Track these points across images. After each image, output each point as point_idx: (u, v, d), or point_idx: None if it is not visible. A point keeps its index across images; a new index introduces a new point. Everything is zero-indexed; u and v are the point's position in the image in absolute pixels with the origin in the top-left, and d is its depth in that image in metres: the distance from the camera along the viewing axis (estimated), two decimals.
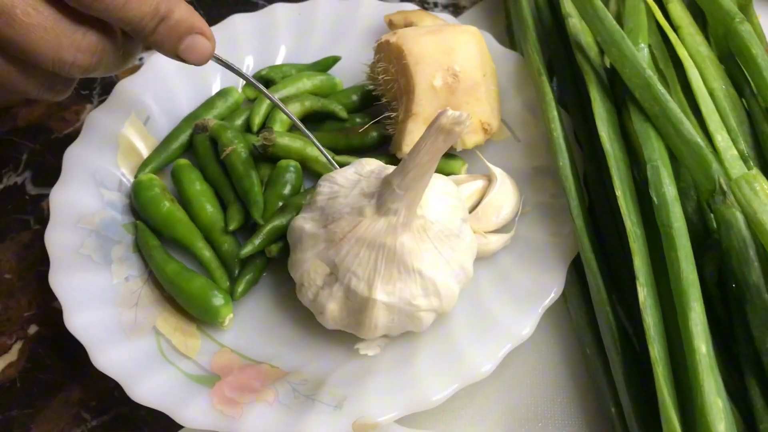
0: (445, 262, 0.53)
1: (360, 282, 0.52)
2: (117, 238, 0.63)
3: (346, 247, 0.52)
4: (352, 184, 0.54)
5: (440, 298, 0.53)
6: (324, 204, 0.54)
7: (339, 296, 0.53)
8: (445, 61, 0.62)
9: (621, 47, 0.59)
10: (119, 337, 0.57)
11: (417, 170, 0.49)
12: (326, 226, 0.53)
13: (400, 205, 0.51)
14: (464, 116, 0.47)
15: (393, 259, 0.51)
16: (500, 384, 0.58)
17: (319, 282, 0.53)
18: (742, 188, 0.51)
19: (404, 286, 0.52)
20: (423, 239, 0.52)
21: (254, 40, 0.75)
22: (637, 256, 0.52)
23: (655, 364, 0.47)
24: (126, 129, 0.68)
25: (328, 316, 0.54)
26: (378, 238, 0.51)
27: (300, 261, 0.54)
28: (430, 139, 0.48)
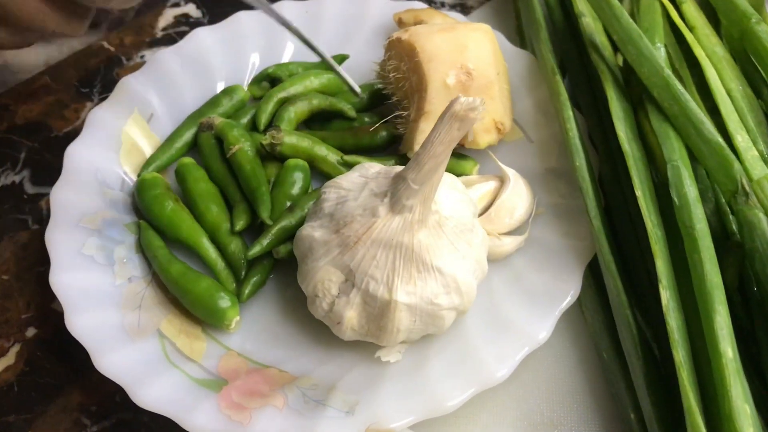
0: (462, 258, 0.52)
1: (379, 285, 0.50)
2: (120, 238, 0.61)
3: (361, 250, 0.50)
4: (359, 187, 0.53)
5: (461, 295, 0.52)
6: (332, 209, 0.52)
7: (357, 303, 0.51)
8: (458, 58, 0.61)
9: (639, 46, 0.58)
10: (122, 339, 0.55)
11: (432, 162, 0.47)
12: (338, 231, 0.51)
13: (416, 200, 0.49)
14: (478, 101, 0.45)
15: (411, 257, 0.50)
16: (515, 389, 0.56)
17: (334, 291, 0.51)
18: (765, 189, 0.50)
19: (425, 285, 0.50)
20: (439, 235, 0.51)
21: (260, 38, 0.73)
22: (659, 259, 0.50)
23: (680, 368, 0.46)
24: (129, 127, 0.67)
25: (346, 326, 0.52)
26: (395, 237, 0.50)
27: (312, 271, 0.52)
28: (444, 128, 0.46)
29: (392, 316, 0.50)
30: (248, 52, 0.73)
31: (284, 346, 0.57)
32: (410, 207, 0.49)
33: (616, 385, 0.54)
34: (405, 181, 0.49)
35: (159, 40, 0.83)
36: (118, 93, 0.68)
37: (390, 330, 0.51)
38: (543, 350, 0.57)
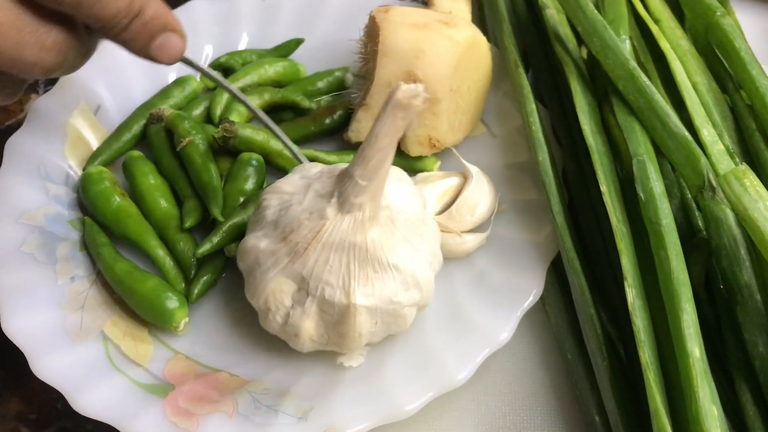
0: (417, 251, 0.50)
1: (335, 290, 0.47)
2: (62, 235, 0.58)
3: (313, 256, 0.47)
4: (302, 189, 0.50)
5: (420, 289, 0.50)
6: (276, 217, 0.49)
7: (313, 312, 0.48)
8: (412, 63, 0.58)
9: (603, 37, 0.57)
10: (63, 342, 0.52)
11: (379, 156, 0.45)
12: (285, 239, 0.48)
13: (365, 197, 0.47)
14: (420, 88, 0.43)
15: (366, 257, 0.47)
16: (476, 392, 0.54)
17: (288, 302, 0.48)
18: (732, 184, 0.48)
19: (383, 284, 0.48)
20: (392, 231, 0.49)
21: (214, 27, 0.70)
22: (625, 256, 0.49)
23: (646, 369, 0.44)
24: (74, 118, 0.63)
25: (304, 338, 0.49)
26: (346, 238, 0.47)
27: (261, 284, 0.49)
28: (388, 118, 0.44)
29: (353, 321, 0.48)
30: (201, 41, 0.70)
31: (235, 349, 0.54)
32: (359, 205, 0.47)
33: (581, 387, 0.52)
34: (352, 178, 0.46)
35: None
36: (63, 83, 0.65)
37: (351, 336, 0.48)
38: (505, 351, 0.55)
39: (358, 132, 0.61)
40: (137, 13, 0.46)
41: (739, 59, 0.58)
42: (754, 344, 0.46)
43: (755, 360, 0.46)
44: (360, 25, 0.66)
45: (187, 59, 0.53)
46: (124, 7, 0.45)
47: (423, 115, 0.59)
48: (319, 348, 0.50)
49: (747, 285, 0.47)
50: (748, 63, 0.57)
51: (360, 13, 0.69)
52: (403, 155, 0.62)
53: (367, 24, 0.62)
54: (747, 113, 0.57)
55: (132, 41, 0.48)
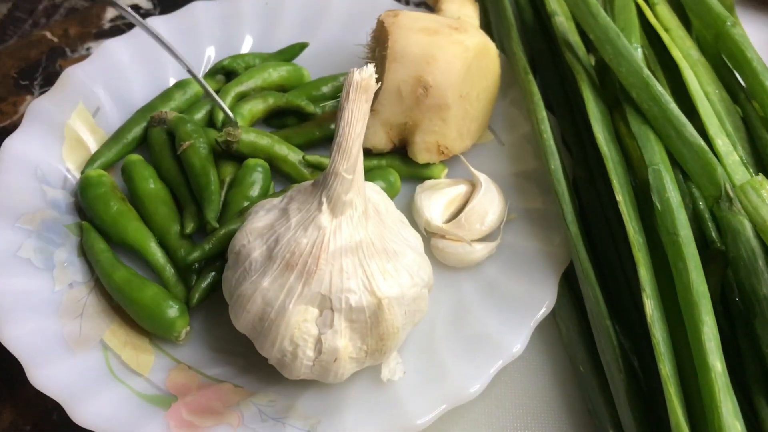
0: (404, 239, 0.49)
1: (360, 294, 0.46)
2: (60, 240, 0.57)
3: (326, 269, 0.45)
4: (280, 216, 0.48)
5: (425, 269, 0.49)
6: (267, 253, 0.47)
7: (344, 328, 0.46)
8: (422, 69, 0.57)
9: (617, 45, 0.56)
10: (61, 351, 0.50)
11: (357, 144, 0.44)
12: (289, 265, 0.46)
13: (353, 192, 0.45)
14: (371, 67, 0.44)
15: (374, 251, 0.46)
16: (487, 404, 0.53)
17: (314, 330, 0.46)
18: (749, 195, 0.48)
19: (397, 272, 0.47)
20: (381, 220, 0.48)
21: (216, 29, 0.69)
22: (642, 266, 0.48)
23: (666, 383, 0.43)
24: (73, 120, 0.62)
25: (344, 359, 0.46)
26: (351, 239, 0.46)
27: (280, 324, 0.45)
28: (354, 104, 0.44)
29: (388, 317, 0.46)
30: (203, 43, 0.69)
31: (239, 358, 0.53)
32: (350, 202, 0.46)
33: (594, 400, 0.51)
34: (338, 175, 0.45)
35: (106, 31, 0.78)
36: (62, 84, 0.63)
37: (391, 333, 0.47)
38: (515, 362, 0.54)
39: (365, 138, 0.59)
40: None
41: (751, 69, 0.57)
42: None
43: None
44: (365, 30, 0.65)
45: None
46: None
47: (432, 122, 0.58)
48: (358, 367, 0.48)
49: (765, 297, 0.46)
50: (761, 73, 0.56)
51: (365, 17, 0.68)
52: (410, 162, 0.61)
53: (375, 28, 0.61)
54: (759, 124, 0.56)
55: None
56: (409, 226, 0.52)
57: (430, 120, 0.58)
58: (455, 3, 0.65)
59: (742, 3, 0.78)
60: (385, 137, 0.59)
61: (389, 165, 0.61)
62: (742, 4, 0.78)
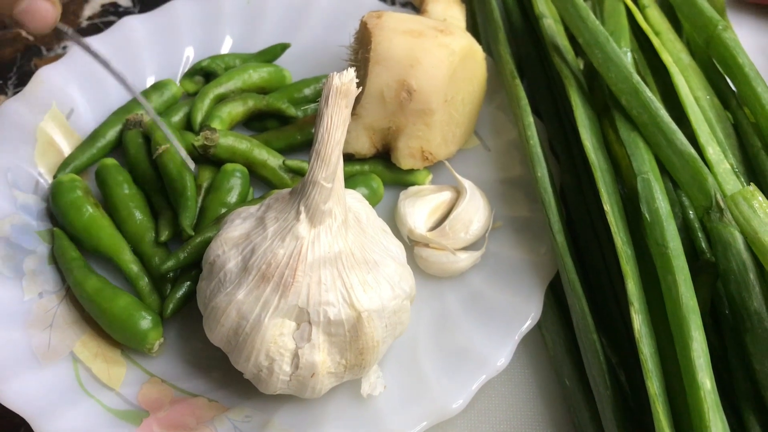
0: (386, 249, 0.48)
1: (339, 307, 0.44)
2: (30, 247, 0.55)
3: (304, 281, 0.44)
4: (256, 225, 0.46)
5: (407, 280, 0.47)
6: (242, 264, 0.45)
7: (322, 341, 0.44)
8: (405, 72, 0.55)
9: (606, 50, 0.54)
10: (29, 363, 0.49)
11: (336, 151, 0.43)
12: (265, 277, 0.44)
13: (332, 201, 0.44)
14: (352, 71, 0.42)
15: (354, 262, 0.45)
16: (470, 418, 0.51)
17: (291, 344, 0.44)
18: (740, 205, 0.47)
19: (378, 284, 0.45)
20: (363, 230, 0.47)
21: (197, 29, 0.67)
22: (630, 279, 0.46)
23: (654, 401, 0.42)
24: (45, 122, 0.60)
25: (321, 373, 0.45)
26: (330, 249, 0.44)
27: (255, 337, 0.44)
28: (333, 109, 0.42)
29: (367, 330, 0.44)
30: (182, 44, 0.67)
31: (214, 372, 0.51)
32: (329, 211, 0.44)
33: (580, 415, 0.49)
34: (317, 184, 0.43)
35: (83, 30, 0.76)
36: (34, 85, 0.61)
37: (371, 347, 0.45)
38: (500, 376, 0.52)
39: (347, 142, 0.58)
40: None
41: (743, 75, 0.56)
42: (765, 374, 0.44)
43: (766, 391, 0.44)
44: (348, 31, 0.64)
45: (66, 31, 0.48)
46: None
47: (416, 127, 0.56)
48: (336, 382, 0.47)
49: (756, 312, 0.45)
50: (753, 79, 0.55)
51: (348, 17, 0.67)
52: (394, 168, 0.59)
53: (358, 30, 0.59)
54: (751, 131, 0.55)
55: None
56: (391, 235, 0.50)
57: (414, 125, 0.56)
58: (441, 4, 0.63)
59: (732, 6, 0.77)
60: (368, 142, 0.58)
61: (372, 171, 0.59)
62: (732, 7, 0.77)
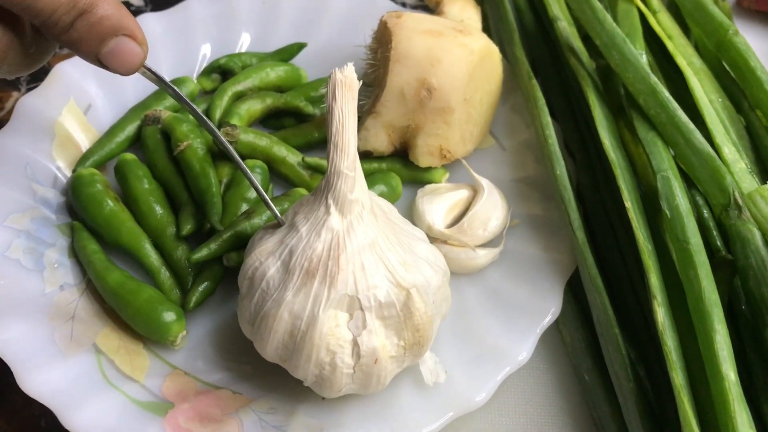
0: (412, 234, 0.49)
1: (386, 287, 0.44)
2: (51, 240, 0.55)
3: (348, 269, 0.44)
4: (288, 230, 0.46)
5: (441, 259, 0.49)
6: (283, 269, 0.45)
7: (378, 326, 0.45)
8: (426, 71, 0.56)
9: (623, 51, 0.55)
10: (52, 355, 0.49)
11: (353, 140, 0.44)
12: (309, 273, 0.44)
13: (357, 189, 0.45)
14: (350, 65, 0.44)
15: (389, 245, 0.45)
16: (490, 413, 0.52)
17: (348, 335, 0.44)
18: (758, 203, 0.48)
19: (416, 263, 0.46)
20: (385, 215, 0.47)
21: (212, 27, 0.68)
22: (653, 274, 0.47)
23: (680, 393, 0.42)
24: (63, 117, 0.60)
25: (384, 361, 0.45)
26: (365, 236, 0.45)
27: (313, 334, 0.44)
28: (342, 101, 0.43)
29: (419, 305, 0.45)
30: (199, 41, 0.67)
31: (237, 364, 0.51)
32: (357, 200, 0.45)
33: (600, 410, 0.50)
34: (341, 174, 0.44)
35: None
36: (52, 80, 0.61)
37: (425, 322, 0.45)
38: (519, 370, 0.52)
39: (365, 140, 0.58)
40: (83, 11, 0.40)
41: (755, 78, 0.57)
42: None
43: None
44: (363, 31, 0.64)
45: (149, 71, 0.47)
46: (66, 2, 0.40)
47: (435, 125, 0.57)
48: (398, 369, 0.47)
49: None
50: (765, 82, 0.56)
51: (363, 18, 0.67)
52: (411, 166, 0.60)
53: (377, 29, 0.60)
54: (764, 132, 0.56)
55: (78, 43, 0.41)
56: (410, 224, 0.51)
57: (434, 123, 0.57)
58: (457, 5, 0.64)
59: (738, 13, 0.78)
60: (387, 140, 0.58)
61: (390, 168, 0.60)
62: (738, 14, 0.78)
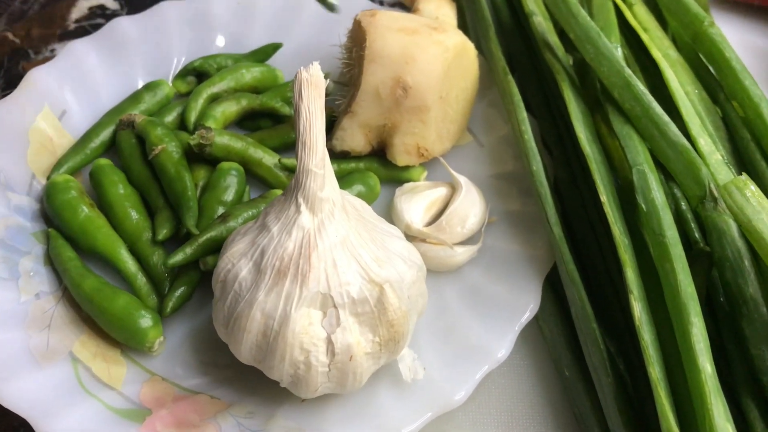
0: (386, 230, 0.48)
1: (359, 284, 0.44)
2: (25, 248, 0.54)
3: (320, 266, 0.44)
4: (259, 230, 0.46)
5: (416, 254, 0.48)
6: (255, 269, 0.45)
7: (352, 322, 0.44)
8: (401, 69, 0.55)
9: (597, 45, 0.55)
10: (28, 364, 0.48)
11: (321, 137, 0.44)
12: (281, 272, 0.44)
13: (327, 187, 0.44)
14: (316, 64, 0.43)
15: (361, 242, 0.45)
16: (470, 410, 0.52)
17: (322, 333, 0.44)
18: (733, 194, 0.47)
19: (389, 259, 0.46)
20: (357, 212, 0.47)
21: (187, 30, 0.67)
22: (629, 268, 0.47)
23: (657, 386, 0.42)
24: (38, 124, 0.60)
25: (360, 357, 0.44)
26: (336, 233, 0.44)
27: (287, 335, 0.43)
28: (309, 99, 0.43)
29: (393, 300, 0.45)
30: (174, 44, 0.67)
31: (215, 368, 0.51)
32: (327, 198, 0.44)
33: (581, 405, 0.50)
34: (309, 172, 0.44)
35: (71, 32, 0.75)
36: (25, 86, 0.61)
37: (400, 317, 0.45)
38: (499, 367, 0.52)
39: (342, 140, 0.58)
40: None
41: (730, 69, 0.57)
42: (762, 359, 0.44)
43: (763, 375, 0.44)
44: (340, 30, 0.64)
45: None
46: None
47: (411, 123, 0.57)
48: (375, 366, 0.46)
49: (752, 297, 0.45)
50: (740, 72, 0.56)
51: (340, 17, 0.67)
52: (389, 165, 0.59)
53: (352, 28, 0.60)
54: (740, 123, 0.56)
55: None
56: (386, 222, 0.51)
57: (410, 122, 0.57)
58: (433, 2, 0.64)
59: (714, 3, 0.78)
60: (364, 139, 0.58)
61: (367, 168, 0.59)
62: (714, 4, 0.78)
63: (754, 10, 0.78)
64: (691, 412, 0.42)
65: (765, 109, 0.53)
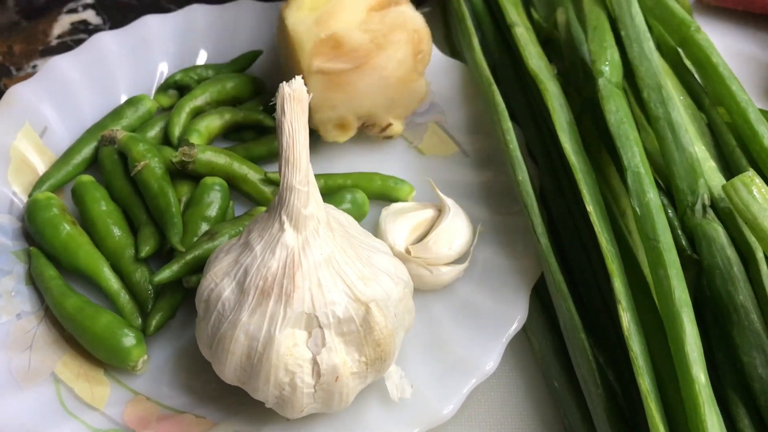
0: (372, 246, 0.48)
1: (345, 303, 0.43)
2: (7, 267, 0.54)
3: (305, 286, 0.43)
4: (242, 249, 0.45)
5: (403, 270, 0.48)
6: (238, 288, 0.44)
7: (338, 343, 0.44)
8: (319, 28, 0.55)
9: (643, 47, 0.57)
10: (9, 386, 0.48)
11: (305, 153, 0.43)
12: (264, 292, 0.43)
13: (311, 204, 0.44)
14: (299, 78, 0.43)
15: (347, 260, 0.44)
16: (460, 424, 0.51)
17: (307, 354, 0.43)
18: (739, 191, 0.46)
19: (375, 276, 0.45)
20: (344, 229, 0.46)
21: (169, 44, 0.67)
22: (617, 278, 0.46)
23: (647, 398, 0.42)
24: (19, 141, 0.59)
25: (346, 378, 0.44)
26: (321, 251, 0.44)
27: (271, 357, 0.43)
28: (291, 115, 0.42)
29: (379, 320, 0.44)
30: (156, 59, 0.66)
31: (200, 387, 0.50)
32: (312, 215, 0.44)
33: (571, 417, 0.49)
34: (293, 189, 0.43)
35: (53, 48, 0.75)
36: (6, 103, 0.60)
37: (386, 336, 0.44)
38: (488, 380, 0.52)
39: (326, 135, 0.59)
40: None
41: (717, 75, 0.56)
42: (753, 366, 0.44)
43: (754, 383, 0.44)
44: None
45: None
46: None
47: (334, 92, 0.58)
48: (361, 385, 0.46)
49: (742, 305, 0.45)
50: (727, 78, 0.56)
51: None
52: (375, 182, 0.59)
53: None
54: (726, 129, 0.56)
55: None
56: (372, 236, 0.50)
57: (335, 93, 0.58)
58: None
59: (698, 9, 0.78)
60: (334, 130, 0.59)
61: (355, 185, 0.59)
62: (698, 10, 0.78)
63: (738, 15, 0.78)
64: (683, 424, 0.42)
65: (752, 115, 0.53)
